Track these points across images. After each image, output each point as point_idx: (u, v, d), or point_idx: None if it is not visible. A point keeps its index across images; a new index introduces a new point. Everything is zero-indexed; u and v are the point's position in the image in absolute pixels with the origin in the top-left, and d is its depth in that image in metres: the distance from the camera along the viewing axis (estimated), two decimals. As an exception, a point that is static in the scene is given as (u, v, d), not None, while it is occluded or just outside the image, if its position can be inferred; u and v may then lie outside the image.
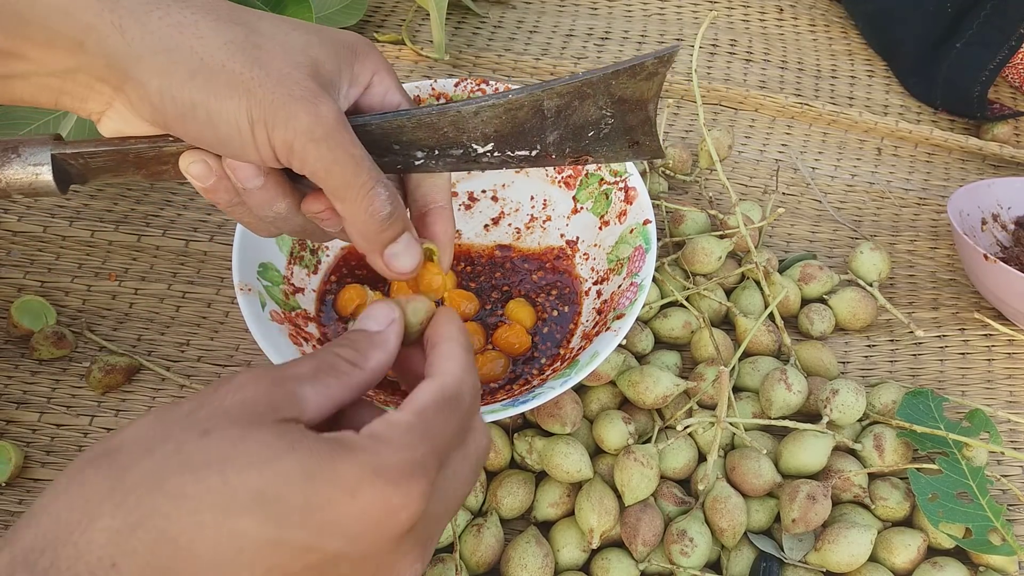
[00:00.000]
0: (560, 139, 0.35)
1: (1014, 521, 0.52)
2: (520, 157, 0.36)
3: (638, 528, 0.48)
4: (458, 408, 0.31)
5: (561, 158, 0.36)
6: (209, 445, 0.27)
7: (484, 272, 0.59)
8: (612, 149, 0.35)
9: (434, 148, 0.36)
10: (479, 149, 0.36)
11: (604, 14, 0.83)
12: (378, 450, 0.28)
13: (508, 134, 0.35)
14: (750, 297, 0.59)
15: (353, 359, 0.32)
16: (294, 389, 0.29)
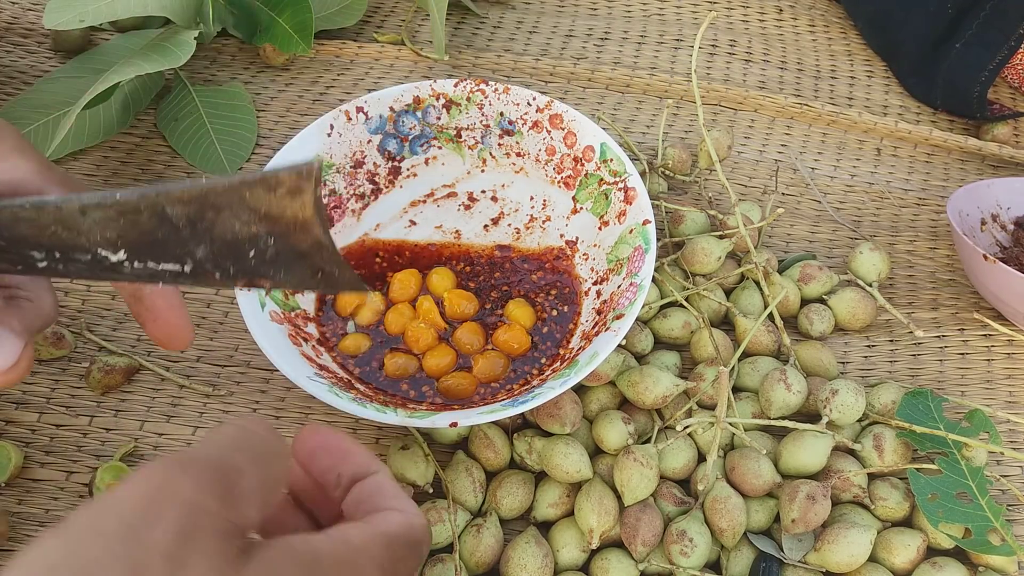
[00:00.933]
0: (213, 257, 0.30)
1: (1013, 521, 0.52)
2: (171, 272, 0.31)
3: (638, 528, 0.48)
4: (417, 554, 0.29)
5: (228, 279, 0.31)
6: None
7: (483, 272, 0.59)
8: (293, 275, 0.30)
9: (52, 250, 0.31)
10: (111, 257, 0.30)
11: (604, 14, 0.83)
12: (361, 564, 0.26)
13: (137, 242, 0.30)
14: (749, 297, 0.59)
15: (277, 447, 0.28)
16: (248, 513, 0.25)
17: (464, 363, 0.54)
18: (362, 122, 0.59)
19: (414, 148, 0.61)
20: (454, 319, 0.55)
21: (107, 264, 0.31)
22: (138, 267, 0.31)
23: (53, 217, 0.30)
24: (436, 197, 0.62)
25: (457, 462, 0.52)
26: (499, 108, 0.61)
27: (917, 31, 0.76)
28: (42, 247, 0.31)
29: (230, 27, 0.75)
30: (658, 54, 0.79)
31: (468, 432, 0.53)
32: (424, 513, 0.49)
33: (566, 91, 0.76)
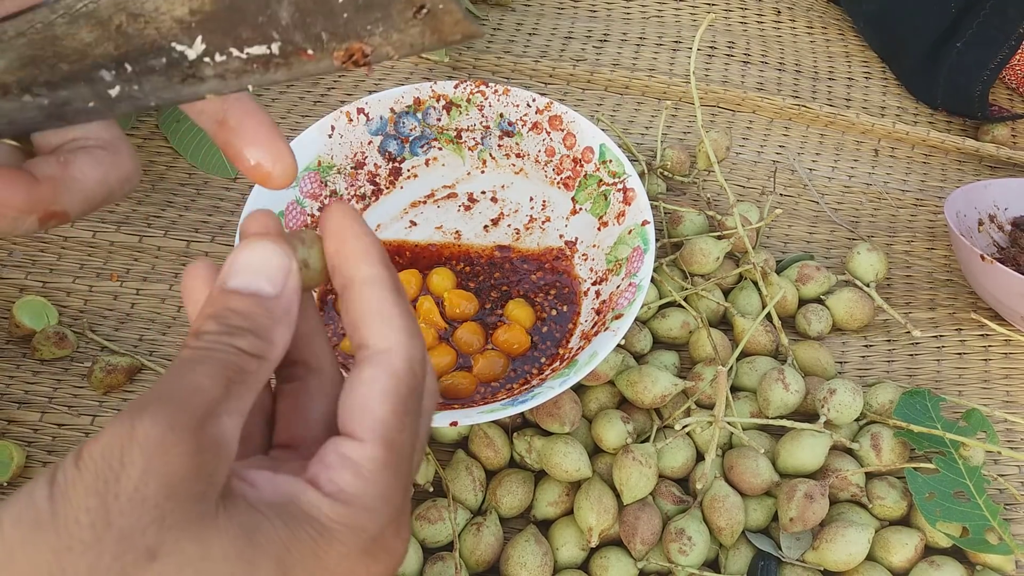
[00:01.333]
0: (302, 17, 0.24)
1: (1011, 520, 0.53)
2: (258, 60, 0.25)
3: (637, 527, 0.48)
4: (418, 407, 0.25)
5: (323, 53, 0.25)
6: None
7: (483, 272, 0.59)
8: (391, 25, 0.24)
9: (123, 61, 0.26)
10: (189, 52, 0.25)
11: (603, 16, 0.84)
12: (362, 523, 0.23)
13: (214, 14, 0.24)
14: (748, 297, 0.60)
15: (259, 350, 0.24)
16: (217, 433, 0.22)
17: (464, 363, 0.54)
18: (363, 123, 0.60)
19: (414, 149, 0.62)
20: (454, 319, 0.56)
21: (186, 66, 0.25)
22: (220, 61, 0.25)
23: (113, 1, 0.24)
24: (436, 198, 0.62)
25: (457, 461, 0.52)
26: (499, 109, 0.61)
27: (920, 30, 0.77)
28: (110, 59, 0.26)
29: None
30: (657, 56, 0.80)
31: (468, 431, 0.53)
32: (427, 511, 0.49)
33: (565, 92, 0.76)
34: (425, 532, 0.49)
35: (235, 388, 0.23)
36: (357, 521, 0.23)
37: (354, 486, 0.24)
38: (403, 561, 0.27)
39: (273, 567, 0.22)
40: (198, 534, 0.21)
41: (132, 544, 0.20)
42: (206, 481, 0.21)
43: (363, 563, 0.24)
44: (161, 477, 0.20)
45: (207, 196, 0.66)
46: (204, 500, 0.21)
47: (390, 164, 0.61)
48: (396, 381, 0.24)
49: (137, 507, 0.20)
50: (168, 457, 0.21)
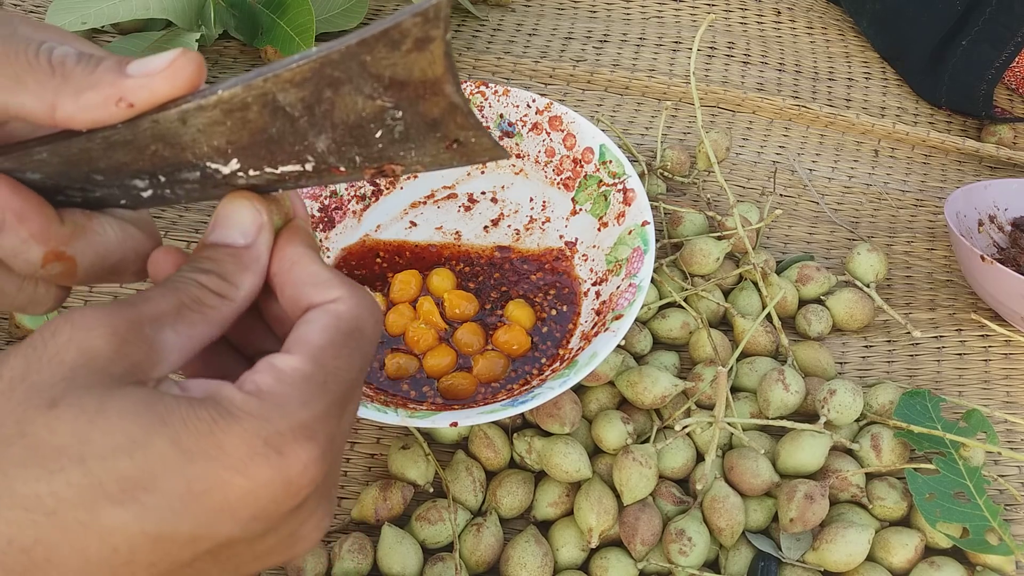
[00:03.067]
0: (337, 147, 0.26)
1: (1011, 521, 0.53)
2: (292, 175, 0.26)
3: (637, 527, 0.48)
4: (360, 344, 0.25)
5: (355, 170, 0.26)
6: (60, 423, 0.22)
7: (483, 273, 0.59)
8: (425, 152, 0.26)
9: (155, 174, 0.27)
10: (222, 169, 0.26)
11: (603, 17, 0.84)
12: (269, 414, 0.23)
13: (249, 145, 0.26)
14: (748, 298, 0.60)
15: (221, 290, 0.26)
16: (153, 336, 0.24)
17: (464, 363, 0.54)
18: (362, 124, 0.60)
19: (414, 150, 0.62)
20: (454, 320, 0.56)
21: (219, 178, 0.27)
22: (254, 175, 0.27)
23: (150, 134, 0.26)
24: (436, 198, 0.62)
25: (457, 462, 0.52)
26: (499, 110, 0.61)
27: (926, 28, 0.76)
28: (144, 173, 0.27)
29: (231, 30, 0.75)
30: (657, 56, 0.80)
31: (468, 432, 0.53)
32: (427, 511, 0.49)
33: (565, 93, 0.76)
34: (425, 533, 0.49)
35: (187, 313, 0.25)
36: (263, 411, 0.23)
37: (269, 384, 0.24)
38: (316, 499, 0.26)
39: (166, 435, 0.22)
40: (101, 394, 0.22)
41: (38, 393, 0.22)
42: (124, 366, 0.23)
43: (264, 455, 0.23)
44: (80, 348, 0.22)
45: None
46: (118, 377, 0.23)
47: (390, 165, 0.61)
48: (337, 320, 0.25)
49: (52, 367, 0.22)
50: (91, 333, 0.23)
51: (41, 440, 0.22)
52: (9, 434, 0.22)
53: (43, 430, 0.22)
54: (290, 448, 0.23)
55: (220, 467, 0.22)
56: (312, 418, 0.24)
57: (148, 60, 0.25)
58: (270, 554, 0.25)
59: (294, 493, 0.24)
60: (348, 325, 0.25)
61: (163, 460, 0.22)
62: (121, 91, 0.24)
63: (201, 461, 0.22)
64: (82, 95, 0.24)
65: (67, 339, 0.23)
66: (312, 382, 0.24)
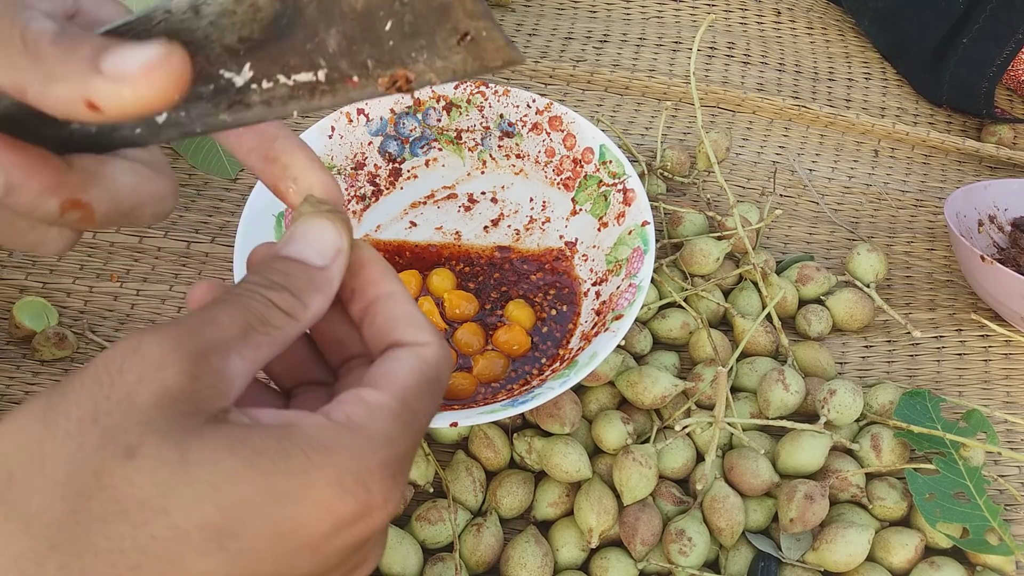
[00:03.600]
0: (348, 45, 0.24)
1: (1011, 521, 0.53)
2: (307, 87, 0.25)
3: (637, 527, 0.48)
4: (437, 392, 0.26)
5: (368, 80, 0.25)
6: (141, 474, 0.21)
7: (483, 273, 0.59)
8: (435, 53, 0.24)
9: None
10: (236, 79, 0.25)
11: (603, 17, 0.84)
12: (362, 449, 0.23)
13: (263, 43, 0.24)
14: (748, 298, 0.60)
15: (291, 309, 0.24)
16: (222, 366, 0.23)
17: (464, 363, 0.54)
18: (363, 124, 0.60)
19: (414, 150, 0.62)
20: (454, 320, 0.56)
21: (233, 92, 0.25)
22: (267, 88, 0.25)
23: (163, 29, 0.24)
24: (436, 198, 0.62)
25: (457, 462, 0.52)
26: (499, 110, 0.61)
27: (928, 26, 0.76)
28: None
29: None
30: (657, 56, 0.80)
31: (468, 432, 0.53)
32: (427, 511, 0.49)
33: (565, 93, 0.76)
34: (425, 533, 0.49)
35: (253, 335, 0.23)
36: (356, 445, 0.23)
37: (361, 417, 0.23)
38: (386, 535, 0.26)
39: (253, 481, 0.21)
40: (179, 441, 0.21)
41: (113, 440, 0.21)
42: (196, 404, 0.22)
43: (353, 493, 0.22)
44: (153, 388, 0.21)
45: (207, 197, 0.66)
46: (192, 418, 0.22)
47: (390, 165, 0.61)
48: (424, 364, 0.25)
49: (125, 410, 0.21)
50: (164, 372, 0.21)
51: (122, 493, 0.21)
52: (88, 486, 0.21)
53: (123, 483, 0.21)
54: (377, 486, 0.23)
55: (310, 507, 0.22)
56: (397, 457, 0.24)
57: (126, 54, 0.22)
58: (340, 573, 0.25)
59: (372, 529, 0.23)
60: (432, 372, 0.25)
61: (251, 506, 0.21)
62: (89, 91, 0.21)
63: (291, 503, 0.22)
64: (50, 85, 0.22)
65: (137, 379, 0.21)
66: (400, 421, 0.24)
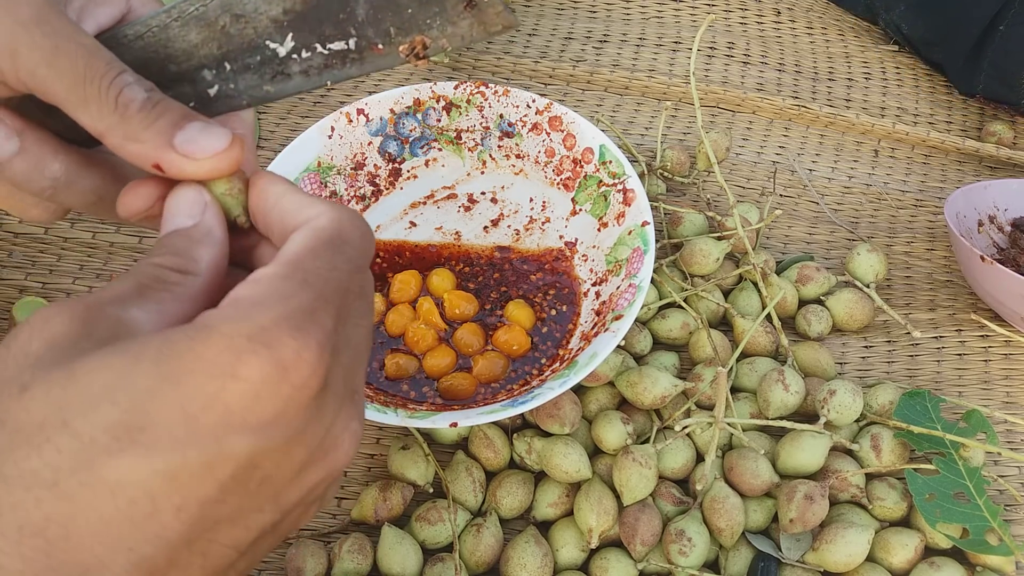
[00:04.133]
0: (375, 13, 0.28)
1: (1011, 521, 0.53)
2: (339, 55, 0.29)
3: (636, 528, 0.48)
4: (343, 250, 0.25)
5: (390, 47, 0.29)
6: (34, 401, 0.21)
7: (483, 273, 0.59)
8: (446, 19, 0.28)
9: (222, 60, 0.29)
10: (280, 49, 0.29)
11: (603, 17, 0.84)
12: (247, 313, 0.22)
13: (303, 13, 0.28)
14: (748, 298, 0.60)
15: (179, 266, 0.26)
16: (119, 315, 0.23)
17: (464, 364, 0.54)
18: (363, 124, 0.60)
19: (414, 150, 0.62)
20: (454, 320, 0.56)
21: (276, 63, 0.29)
22: (305, 57, 0.29)
23: (221, 3, 0.28)
24: (436, 199, 0.62)
25: (457, 462, 0.52)
26: (499, 110, 0.61)
27: (971, 13, 0.75)
28: (212, 60, 0.29)
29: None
30: (657, 56, 0.80)
31: (468, 432, 0.53)
32: (427, 512, 0.49)
33: (565, 93, 0.76)
34: (425, 533, 0.49)
35: (149, 292, 0.25)
36: (240, 313, 0.22)
37: (243, 291, 0.23)
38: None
39: (143, 370, 0.21)
40: (68, 364, 0.22)
41: (9, 385, 0.22)
42: (92, 343, 0.22)
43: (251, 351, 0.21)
44: (42, 336, 0.23)
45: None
46: (84, 349, 0.22)
47: (390, 165, 0.61)
48: (316, 231, 0.25)
49: (19, 360, 0.22)
50: (50, 323, 0.23)
51: (20, 422, 0.21)
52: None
53: (21, 413, 0.21)
54: (278, 339, 0.22)
55: (208, 378, 0.21)
56: (295, 311, 0.23)
57: (197, 138, 0.26)
58: (306, 470, 0.24)
59: (298, 386, 0.22)
60: (327, 234, 0.25)
61: (148, 393, 0.21)
62: (159, 159, 0.26)
63: (187, 379, 0.21)
64: (128, 144, 0.26)
65: (28, 335, 0.23)
66: (290, 280, 0.23)
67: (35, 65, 0.25)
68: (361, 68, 0.29)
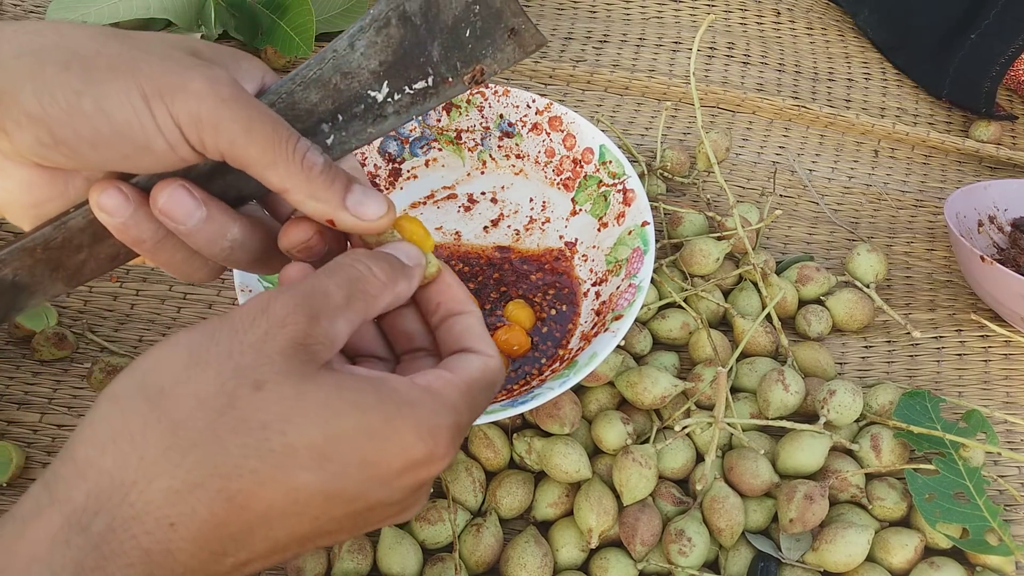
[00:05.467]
0: (445, 53, 0.34)
1: (1011, 521, 0.53)
2: (422, 92, 0.34)
3: (636, 528, 0.48)
4: (489, 393, 0.32)
5: (458, 79, 0.35)
6: (266, 403, 0.27)
7: (483, 273, 0.59)
8: (496, 47, 0.34)
9: (336, 113, 0.34)
10: (378, 96, 0.34)
11: (603, 17, 0.84)
12: (435, 409, 0.29)
13: (394, 63, 0.34)
14: (748, 298, 0.60)
15: (386, 278, 0.31)
16: (329, 327, 0.29)
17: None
18: (362, 124, 0.60)
19: (414, 150, 0.62)
20: (454, 320, 0.56)
21: (376, 108, 0.34)
22: (398, 99, 0.34)
23: (332, 65, 0.33)
24: (436, 199, 0.62)
25: (457, 462, 0.52)
26: (499, 110, 0.61)
27: (933, 19, 0.75)
28: (328, 114, 0.34)
29: (231, 30, 0.75)
30: (657, 56, 0.80)
31: (468, 432, 0.53)
32: (427, 512, 0.49)
33: (565, 93, 0.76)
34: (425, 533, 0.49)
35: (354, 301, 0.30)
36: (434, 406, 0.29)
37: (438, 387, 0.30)
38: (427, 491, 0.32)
39: (355, 418, 0.27)
40: (297, 381, 0.27)
41: (245, 375, 0.27)
42: (311, 355, 0.28)
43: (424, 441, 0.28)
44: (278, 340, 0.28)
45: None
46: (307, 365, 0.28)
47: (390, 165, 0.61)
48: (487, 368, 0.32)
49: (255, 353, 0.27)
50: (285, 330, 0.28)
51: (249, 415, 0.27)
52: (223, 405, 0.27)
53: (250, 407, 0.27)
54: (442, 439, 0.29)
55: (392, 446, 0.28)
56: (458, 424, 0.30)
57: (364, 201, 0.32)
58: (389, 518, 0.31)
59: (432, 474, 0.29)
60: (491, 377, 0.32)
61: (347, 438, 0.27)
62: (334, 215, 0.32)
63: (379, 440, 0.28)
64: (309, 201, 0.31)
65: (265, 331, 0.28)
66: (464, 398, 0.30)
67: (235, 135, 0.30)
68: (437, 100, 0.35)
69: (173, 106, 0.29)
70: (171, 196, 0.31)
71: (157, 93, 0.29)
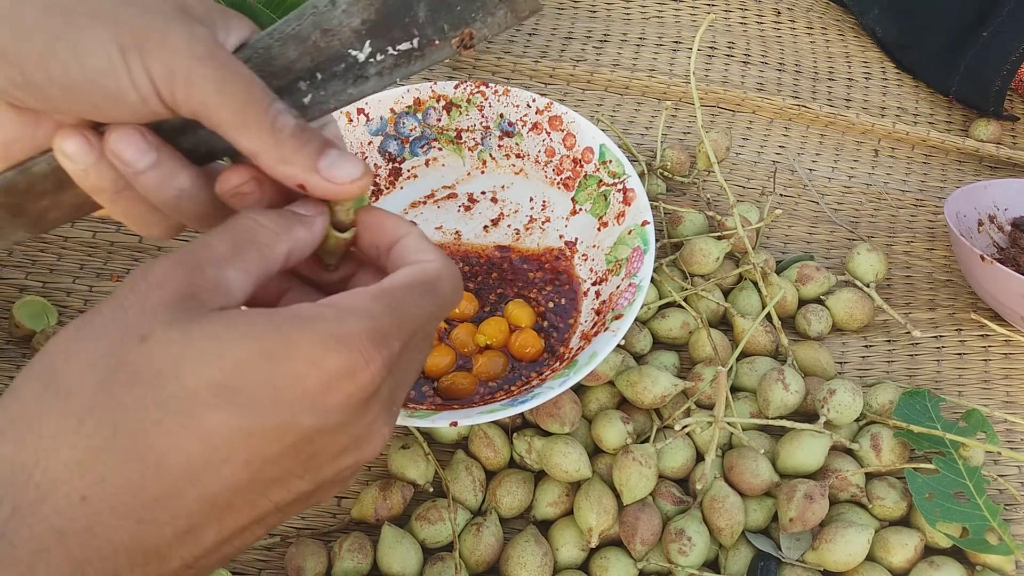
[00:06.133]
0: (432, 14, 0.32)
1: (1011, 520, 0.53)
2: (406, 54, 0.33)
3: (636, 527, 0.48)
4: (432, 296, 0.30)
5: (445, 41, 0.33)
6: (155, 351, 0.26)
7: (483, 273, 0.59)
8: (487, 11, 0.33)
9: (314, 71, 0.33)
10: (360, 55, 0.33)
11: (603, 17, 0.84)
12: (341, 318, 0.27)
13: (378, 22, 0.32)
14: (748, 298, 0.60)
15: (277, 227, 0.30)
16: (216, 276, 0.28)
17: (463, 363, 0.54)
18: (363, 124, 0.60)
19: (414, 149, 0.62)
20: (453, 319, 0.56)
21: (357, 68, 0.33)
22: (380, 59, 0.33)
23: (312, 21, 0.32)
24: (436, 198, 0.62)
25: (457, 461, 0.52)
26: (499, 110, 0.61)
27: (945, 16, 0.75)
28: (305, 72, 0.33)
29: (231, 29, 0.75)
30: (657, 56, 0.80)
31: (468, 431, 0.53)
32: (427, 511, 0.49)
33: (565, 93, 0.76)
34: (425, 532, 0.49)
35: (243, 250, 0.29)
36: (336, 316, 0.27)
37: (341, 298, 0.28)
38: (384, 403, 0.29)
39: (247, 346, 0.26)
40: (183, 326, 0.26)
41: (129, 332, 0.26)
42: (199, 302, 0.27)
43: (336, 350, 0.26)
44: (158, 295, 0.27)
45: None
46: (195, 311, 0.27)
47: (390, 164, 0.61)
48: (419, 271, 0.30)
49: (137, 312, 0.26)
50: (165, 285, 0.27)
51: (140, 367, 0.26)
52: (113, 364, 0.26)
53: (140, 359, 0.26)
54: (358, 346, 0.27)
55: (298, 362, 0.26)
56: (376, 329, 0.27)
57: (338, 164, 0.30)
58: (343, 454, 0.29)
59: (362, 386, 0.27)
60: (426, 276, 0.30)
61: (247, 365, 0.26)
62: (305, 180, 0.30)
63: (281, 360, 0.26)
64: (279, 165, 0.30)
65: (144, 292, 0.27)
66: (379, 302, 0.28)
67: (207, 94, 0.29)
68: (423, 63, 0.33)
69: (148, 60, 0.29)
70: (122, 136, 0.30)
71: (134, 45, 0.29)
